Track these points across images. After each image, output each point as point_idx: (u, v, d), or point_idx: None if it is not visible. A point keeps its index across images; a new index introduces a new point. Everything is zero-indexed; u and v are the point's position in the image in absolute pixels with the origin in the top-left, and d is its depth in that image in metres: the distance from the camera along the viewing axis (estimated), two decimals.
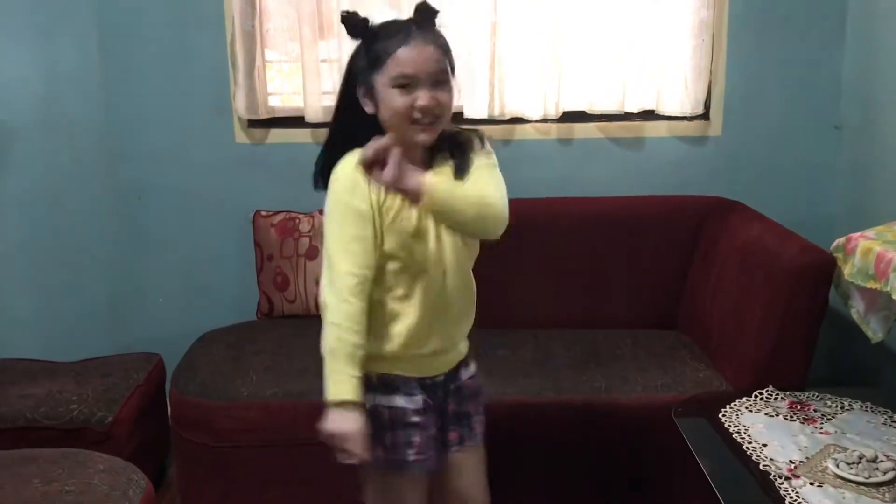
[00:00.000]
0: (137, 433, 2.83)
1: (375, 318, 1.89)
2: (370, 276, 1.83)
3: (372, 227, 1.82)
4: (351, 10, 1.86)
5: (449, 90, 1.83)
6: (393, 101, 1.79)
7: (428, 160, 1.90)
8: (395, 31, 1.82)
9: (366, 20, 1.85)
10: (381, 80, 1.80)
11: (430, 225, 1.87)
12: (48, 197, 3.28)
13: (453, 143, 1.92)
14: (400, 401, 1.93)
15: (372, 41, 1.83)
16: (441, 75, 1.81)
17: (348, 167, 1.80)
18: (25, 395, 2.74)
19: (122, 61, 3.39)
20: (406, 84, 1.78)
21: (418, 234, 1.86)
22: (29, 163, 3.18)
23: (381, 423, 1.91)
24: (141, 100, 3.41)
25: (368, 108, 1.85)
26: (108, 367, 3.00)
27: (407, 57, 1.78)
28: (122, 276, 3.54)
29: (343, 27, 1.86)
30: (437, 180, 1.74)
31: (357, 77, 1.87)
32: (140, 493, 2.13)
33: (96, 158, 3.43)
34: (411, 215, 1.85)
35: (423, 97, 1.79)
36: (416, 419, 1.93)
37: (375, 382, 1.92)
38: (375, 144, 1.67)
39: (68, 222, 3.35)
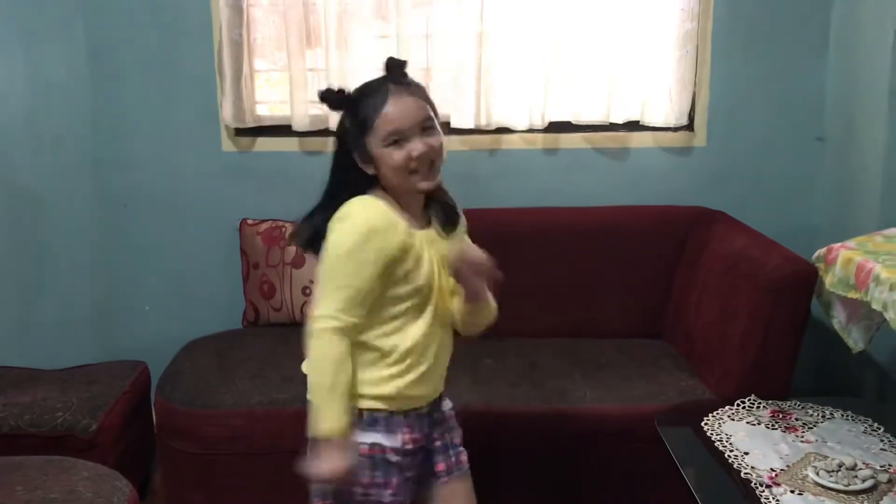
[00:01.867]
0: (122, 441, 2.82)
1: (368, 354, 1.90)
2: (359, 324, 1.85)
3: (382, 272, 1.84)
4: (325, 87, 1.95)
5: (437, 134, 1.89)
6: (390, 159, 1.85)
7: (425, 211, 1.98)
8: (373, 92, 1.88)
9: (342, 91, 1.92)
10: (374, 142, 1.86)
11: (433, 258, 1.92)
12: (34, 204, 3.27)
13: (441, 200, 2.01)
14: (380, 438, 1.91)
15: (355, 107, 1.89)
16: (427, 122, 1.87)
17: (377, 209, 1.86)
18: (10, 402, 2.74)
19: (109, 69, 3.39)
20: (398, 140, 1.84)
21: (430, 281, 1.91)
22: (15, 169, 3.18)
23: (359, 461, 1.90)
24: (128, 108, 3.42)
25: (370, 171, 1.89)
26: (93, 374, 2.99)
27: (393, 114, 1.84)
28: (107, 283, 3.53)
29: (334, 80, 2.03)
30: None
31: (349, 143, 1.91)
32: (125, 501, 2.13)
33: (83, 166, 3.43)
34: (424, 252, 1.90)
35: (416, 147, 1.84)
36: (394, 458, 1.92)
37: (356, 418, 1.91)
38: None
39: (54, 229, 3.35)
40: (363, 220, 1.83)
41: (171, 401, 2.77)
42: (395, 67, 1.94)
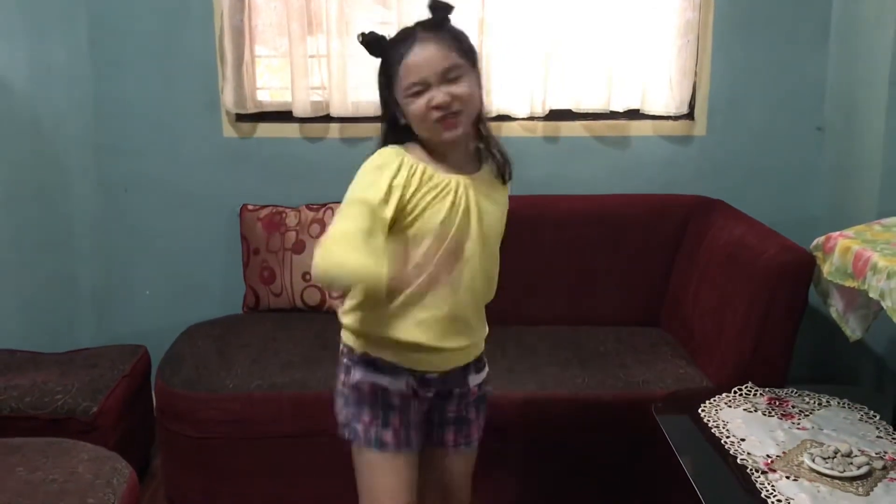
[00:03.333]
0: (122, 424, 2.84)
1: (369, 296, 1.88)
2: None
3: (392, 208, 1.79)
4: (367, 31, 1.88)
5: (467, 82, 1.83)
6: (411, 109, 1.82)
7: (476, 161, 1.96)
8: (400, 40, 1.84)
9: (382, 38, 1.87)
10: (399, 94, 1.83)
11: (461, 217, 1.86)
12: (35, 189, 3.28)
13: (499, 149, 2.00)
14: (383, 380, 1.91)
15: (385, 56, 1.87)
16: (451, 71, 1.80)
17: (394, 155, 1.84)
18: (11, 385, 2.75)
19: (110, 55, 3.40)
20: (419, 90, 1.80)
21: (445, 222, 1.84)
22: (16, 155, 3.19)
23: (361, 398, 1.92)
24: (129, 93, 3.42)
25: (402, 120, 1.87)
26: (93, 358, 3.00)
27: (412, 63, 1.80)
28: (108, 268, 3.55)
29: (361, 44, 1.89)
30: None
31: (383, 96, 1.90)
32: (124, 483, 2.14)
33: (84, 151, 3.44)
34: (443, 205, 1.83)
35: (436, 96, 1.79)
36: (395, 401, 1.91)
37: (359, 359, 1.93)
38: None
39: (55, 214, 3.36)
40: (372, 160, 1.84)
41: (170, 385, 2.78)
42: (437, 10, 1.87)
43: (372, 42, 1.87)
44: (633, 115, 3.39)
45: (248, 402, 2.71)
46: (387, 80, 1.86)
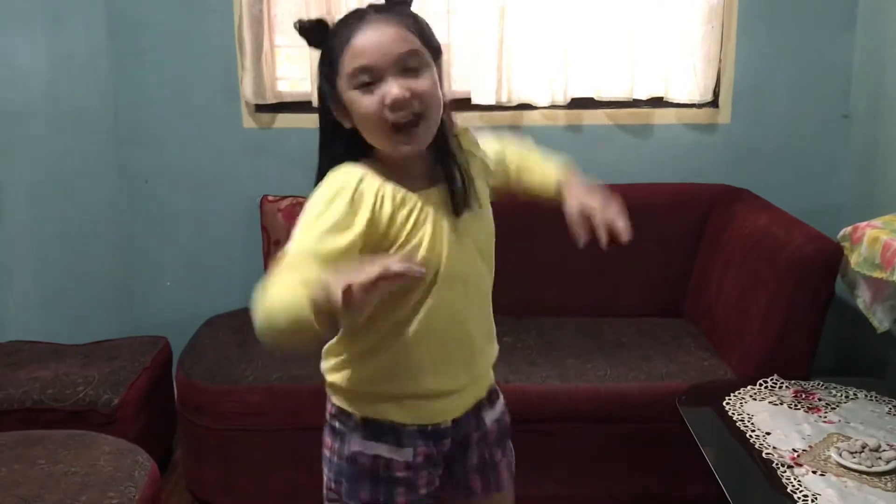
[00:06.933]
0: (143, 416, 2.84)
1: (358, 346, 1.60)
2: None
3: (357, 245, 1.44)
4: (306, 17, 1.56)
5: (428, 77, 1.46)
6: (359, 106, 1.45)
7: (431, 174, 1.56)
8: (348, 20, 1.49)
9: (324, 23, 1.53)
10: (343, 85, 1.47)
11: (448, 235, 1.54)
12: (56, 180, 3.28)
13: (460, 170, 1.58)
14: (383, 450, 1.60)
15: (327, 41, 1.51)
16: (410, 59, 1.45)
17: (353, 176, 1.47)
18: (33, 377, 2.76)
19: (130, 45, 3.39)
20: (368, 81, 1.44)
21: (433, 248, 1.52)
22: (37, 146, 3.19)
23: (359, 473, 1.62)
24: (149, 84, 3.42)
25: (347, 124, 1.51)
26: (114, 350, 3.00)
27: (360, 45, 1.44)
28: (129, 259, 3.55)
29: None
30: None
31: (324, 91, 1.53)
32: (145, 475, 2.14)
33: (104, 142, 3.44)
34: (426, 230, 1.51)
35: (391, 90, 1.42)
36: (401, 475, 1.61)
37: (356, 424, 1.62)
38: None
39: (76, 206, 3.36)
40: (323, 189, 1.48)
41: (191, 376, 2.79)
42: None
43: (311, 29, 1.54)
44: (657, 103, 3.35)
45: (269, 394, 2.71)
46: (329, 69, 1.49)
